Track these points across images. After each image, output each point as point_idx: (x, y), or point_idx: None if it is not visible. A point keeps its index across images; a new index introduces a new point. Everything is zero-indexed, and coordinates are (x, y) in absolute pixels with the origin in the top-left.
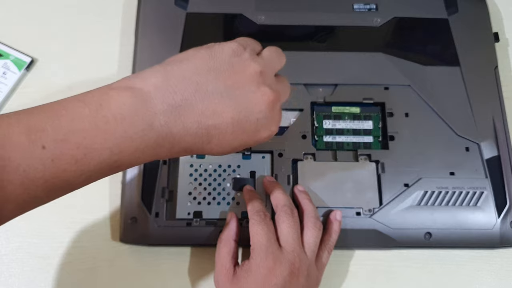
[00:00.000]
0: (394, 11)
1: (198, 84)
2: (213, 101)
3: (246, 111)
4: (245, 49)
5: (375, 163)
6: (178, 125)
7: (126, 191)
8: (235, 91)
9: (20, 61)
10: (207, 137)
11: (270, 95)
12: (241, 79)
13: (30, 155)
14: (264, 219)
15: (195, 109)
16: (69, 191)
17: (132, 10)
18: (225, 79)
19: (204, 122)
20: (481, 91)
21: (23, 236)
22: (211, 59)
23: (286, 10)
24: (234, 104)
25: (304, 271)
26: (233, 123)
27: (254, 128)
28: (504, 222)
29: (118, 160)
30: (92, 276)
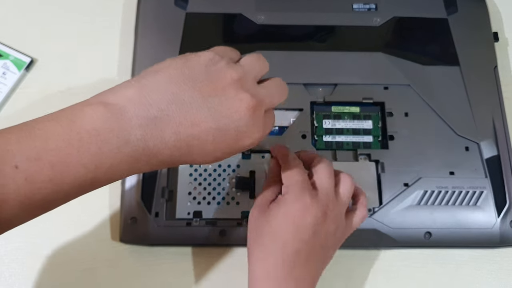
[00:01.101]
0: (394, 11)
1: (173, 94)
2: (190, 111)
3: (225, 119)
4: (222, 58)
5: (375, 162)
6: (155, 138)
7: (126, 191)
8: (212, 100)
9: (20, 61)
10: (186, 148)
11: (249, 101)
12: (218, 87)
13: (3, 175)
14: (298, 164)
15: (172, 120)
16: (49, 209)
17: (132, 10)
18: (202, 88)
19: (183, 133)
20: (480, 90)
21: (23, 236)
22: (186, 69)
23: (286, 10)
24: (212, 113)
25: (335, 219)
26: (212, 132)
27: (235, 136)
28: (504, 221)
29: (94, 177)
30: (92, 276)
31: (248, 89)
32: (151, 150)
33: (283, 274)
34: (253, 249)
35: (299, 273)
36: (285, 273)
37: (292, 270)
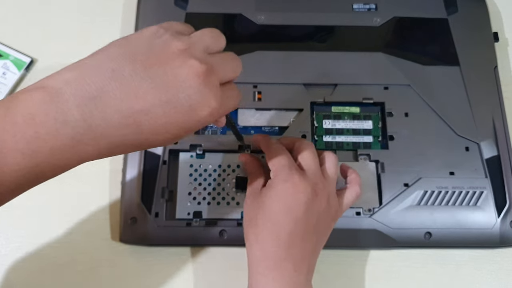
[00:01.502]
0: (394, 11)
1: (113, 71)
2: (133, 84)
3: (174, 89)
4: (167, 31)
5: (375, 163)
6: (97, 117)
7: (126, 191)
8: (156, 70)
9: (20, 61)
10: (135, 125)
11: (198, 67)
12: (162, 57)
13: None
14: (282, 148)
15: (113, 97)
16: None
17: (132, 10)
18: (144, 61)
19: (126, 110)
20: (480, 91)
21: (23, 236)
22: (127, 45)
23: (286, 10)
24: (158, 83)
25: (326, 196)
26: (161, 104)
27: (188, 105)
28: (504, 221)
29: (36, 165)
30: (92, 276)
31: (197, 57)
32: (95, 131)
33: (280, 254)
34: (248, 234)
35: (296, 252)
36: (281, 253)
37: (288, 250)
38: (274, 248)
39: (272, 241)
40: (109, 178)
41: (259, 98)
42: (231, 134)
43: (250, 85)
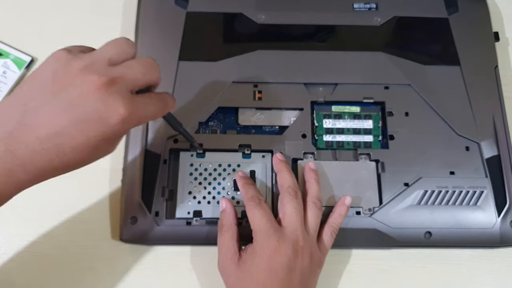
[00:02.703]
0: (394, 11)
1: (25, 104)
2: (44, 113)
3: (80, 106)
4: (69, 52)
5: (375, 162)
6: (20, 147)
7: (126, 191)
8: (62, 95)
9: (20, 60)
10: (56, 148)
11: (97, 81)
12: (65, 80)
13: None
14: (259, 203)
15: (30, 127)
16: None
17: (132, 9)
18: (50, 88)
19: (44, 136)
20: (481, 90)
21: (23, 236)
22: (35, 78)
23: (286, 10)
24: (65, 105)
25: (308, 250)
26: (72, 123)
27: (98, 118)
28: (504, 221)
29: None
30: (92, 275)
31: (95, 72)
32: (21, 159)
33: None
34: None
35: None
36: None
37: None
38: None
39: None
40: (109, 177)
41: (259, 98)
42: (231, 134)
43: (251, 84)
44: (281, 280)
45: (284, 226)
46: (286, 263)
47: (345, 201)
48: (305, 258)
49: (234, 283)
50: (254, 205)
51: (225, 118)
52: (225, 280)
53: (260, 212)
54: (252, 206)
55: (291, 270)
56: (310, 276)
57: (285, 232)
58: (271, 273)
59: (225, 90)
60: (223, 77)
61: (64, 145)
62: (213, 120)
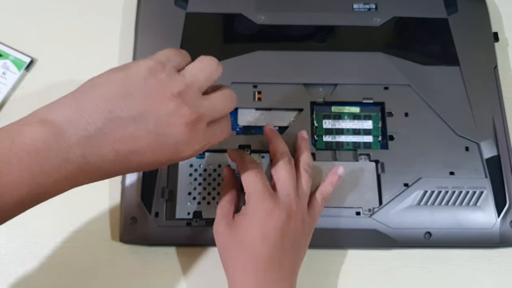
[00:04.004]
0: (394, 11)
1: (111, 112)
2: (128, 127)
3: (163, 136)
4: (164, 67)
5: (375, 162)
6: (94, 155)
7: (126, 191)
8: (150, 116)
9: (20, 61)
10: (126, 161)
11: (188, 116)
12: (157, 102)
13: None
14: (256, 167)
15: (109, 137)
16: None
17: (132, 10)
18: (140, 104)
19: (121, 149)
20: (480, 90)
21: (23, 236)
22: (125, 84)
23: (286, 10)
24: (150, 129)
25: (300, 215)
26: (150, 148)
27: (174, 149)
28: (504, 221)
29: (39, 193)
30: (92, 276)
31: (190, 103)
32: (92, 166)
33: (259, 279)
34: (228, 263)
35: (275, 275)
36: (261, 277)
37: (267, 274)
38: (253, 274)
39: (251, 267)
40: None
41: (259, 98)
42: (231, 134)
43: (250, 85)
44: (273, 243)
45: (278, 191)
46: (279, 227)
47: (337, 171)
48: (298, 223)
49: (224, 243)
50: (251, 168)
51: None
52: (216, 240)
53: (257, 176)
54: (248, 170)
55: (283, 234)
56: (301, 242)
57: (279, 197)
58: (263, 236)
59: None
60: (223, 77)
61: (133, 161)
62: None
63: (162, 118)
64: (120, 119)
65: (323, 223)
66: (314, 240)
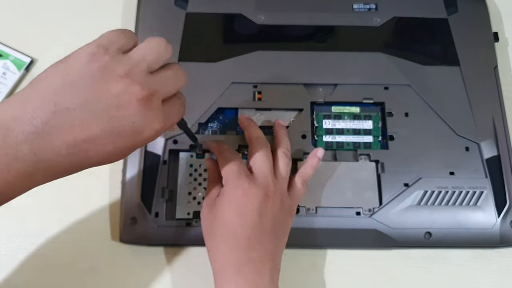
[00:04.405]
0: (394, 11)
1: (56, 104)
2: (75, 117)
3: (116, 118)
4: (107, 50)
5: (375, 162)
6: (46, 150)
7: (126, 191)
8: (98, 102)
9: (20, 62)
10: (82, 153)
11: (139, 93)
12: (103, 86)
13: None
14: (232, 153)
15: (58, 130)
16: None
17: (132, 10)
18: (84, 91)
19: (73, 141)
20: (481, 91)
21: (23, 236)
22: (66, 73)
23: (286, 10)
24: (100, 114)
25: (279, 196)
26: (105, 134)
27: (132, 131)
28: (504, 221)
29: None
30: (92, 276)
31: (138, 81)
32: (45, 163)
33: (240, 260)
34: (208, 245)
35: (256, 255)
36: (242, 258)
37: (248, 254)
38: (234, 255)
39: (231, 248)
40: (109, 178)
41: (259, 98)
42: (231, 134)
43: (250, 85)
44: (252, 223)
45: (255, 172)
46: (256, 205)
47: (317, 153)
48: (276, 203)
49: (206, 226)
50: (227, 155)
51: (224, 118)
52: (201, 225)
53: (233, 160)
54: (224, 156)
55: (261, 214)
56: (282, 223)
57: (256, 177)
58: (241, 215)
59: (225, 90)
60: (222, 77)
61: (90, 151)
62: (212, 121)
63: (111, 100)
64: (66, 110)
65: (323, 223)
66: (314, 240)
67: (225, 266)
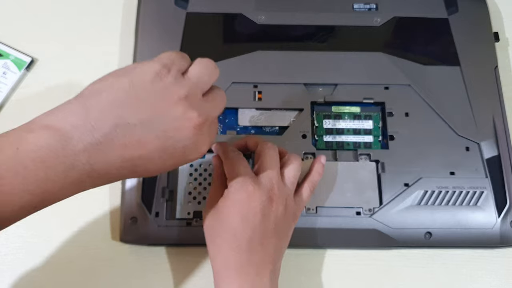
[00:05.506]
0: (394, 11)
1: (117, 117)
2: (135, 133)
3: (172, 140)
4: (169, 71)
5: (375, 162)
6: (101, 161)
7: (126, 191)
8: (158, 120)
9: (20, 61)
10: (132, 167)
11: (196, 120)
12: (165, 106)
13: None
14: (238, 155)
15: (116, 144)
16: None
17: (132, 10)
18: (147, 109)
19: (128, 155)
20: (481, 90)
21: (23, 236)
22: (131, 88)
23: (286, 10)
24: (158, 133)
25: (283, 200)
26: (158, 153)
27: (182, 153)
28: (504, 221)
29: (43, 199)
30: (92, 276)
31: (196, 106)
32: (97, 172)
33: (241, 262)
34: (210, 245)
35: (257, 258)
36: (243, 260)
37: (249, 256)
38: (235, 257)
39: (233, 250)
40: None
41: (259, 98)
42: (231, 134)
43: (251, 85)
44: (254, 226)
45: (260, 174)
46: (259, 208)
47: (321, 160)
48: (280, 207)
49: (208, 226)
50: (232, 156)
51: (225, 118)
52: (203, 224)
53: (238, 161)
54: (229, 157)
55: (264, 217)
56: (284, 227)
57: (261, 180)
58: (243, 218)
59: (225, 90)
60: (223, 77)
61: (140, 167)
62: None
63: (170, 122)
64: (127, 125)
65: (323, 223)
66: (314, 240)
67: (226, 267)
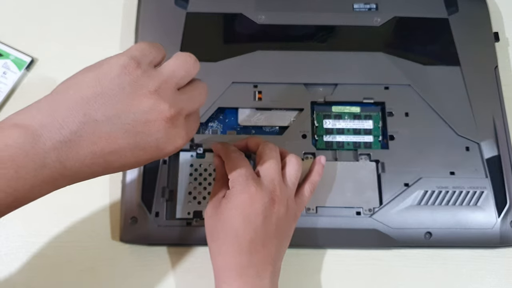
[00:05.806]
0: (394, 11)
1: (85, 115)
2: (104, 129)
3: (143, 134)
4: (139, 64)
5: (375, 162)
6: (71, 159)
7: (126, 191)
8: (127, 116)
9: (20, 61)
10: (105, 164)
11: (167, 112)
12: (133, 101)
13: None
14: (240, 155)
15: (86, 140)
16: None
17: (132, 10)
18: (115, 104)
19: (99, 152)
20: (481, 90)
21: (23, 236)
22: (98, 84)
23: (286, 10)
24: (128, 128)
25: (284, 201)
26: (130, 148)
27: (155, 146)
28: (504, 221)
29: (16, 199)
30: (92, 276)
31: (167, 99)
32: (69, 170)
33: (242, 262)
34: (211, 246)
35: (258, 259)
36: (244, 261)
37: (250, 257)
38: (236, 257)
39: (234, 251)
40: (109, 178)
41: (259, 98)
42: (231, 134)
43: (251, 85)
44: (255, 227)
45: (262, 176)
46: (261, 209)
47: (321, 160)
48: (281, 208)
49: (210, 227)
50: (234, 157)
51: (225, 118)
52: (205, 224)
53: (240, 162)
54: (231, 158)
55: (266, 218)
56: (285, 228)
57: (263, 181)
58: (245, 219)
59: (225, 90)
60: (223, 77)
61: (114, 162)
62: (213, 121)
63: (139, 116)
64: (95, 122)
65: (323, 223)
66: (315, 240)
67: (226, 268)
